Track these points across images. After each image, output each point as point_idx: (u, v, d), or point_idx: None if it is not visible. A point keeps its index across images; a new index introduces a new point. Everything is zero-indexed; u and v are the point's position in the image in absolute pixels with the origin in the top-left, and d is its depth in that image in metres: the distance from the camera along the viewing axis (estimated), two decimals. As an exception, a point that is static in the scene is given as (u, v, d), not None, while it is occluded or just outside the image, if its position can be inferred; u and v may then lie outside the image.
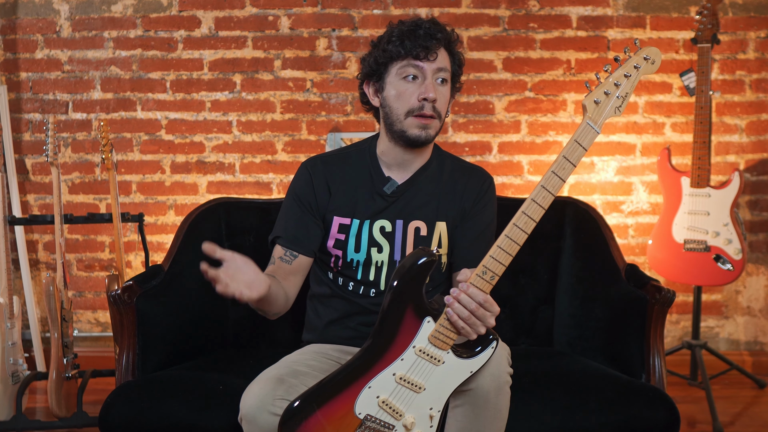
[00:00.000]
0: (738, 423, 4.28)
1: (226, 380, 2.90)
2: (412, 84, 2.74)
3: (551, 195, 2.38)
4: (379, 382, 2.39)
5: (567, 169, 2.38)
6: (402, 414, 2.40)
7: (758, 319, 5.07)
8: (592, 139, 2.39)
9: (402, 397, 2.40)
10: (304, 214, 2.88)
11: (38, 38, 4.93)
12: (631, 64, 2.39)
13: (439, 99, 2.74)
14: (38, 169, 5.02)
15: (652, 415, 2.80)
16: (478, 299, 2.35)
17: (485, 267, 2.37)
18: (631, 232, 4.99)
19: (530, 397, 2.79)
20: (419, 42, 2.71)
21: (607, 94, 2.38)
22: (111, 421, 2.80)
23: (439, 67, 2.74)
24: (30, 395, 4.60)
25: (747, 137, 4.94)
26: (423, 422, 2.42)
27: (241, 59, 4.92)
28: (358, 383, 2.40)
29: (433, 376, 2.40)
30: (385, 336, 2.40)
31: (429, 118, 2.73)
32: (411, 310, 2.39)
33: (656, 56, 2.40)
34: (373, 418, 2.40)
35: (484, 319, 2.36)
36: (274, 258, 2.89)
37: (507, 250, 2.37)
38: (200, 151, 4.98)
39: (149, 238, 4.97)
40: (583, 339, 3.42)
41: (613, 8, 4.86)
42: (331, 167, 2.93)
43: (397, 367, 2.39)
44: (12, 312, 4.12)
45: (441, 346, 2.38)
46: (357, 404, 2.39)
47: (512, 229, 2.38)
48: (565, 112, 4.91)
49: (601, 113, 2.39)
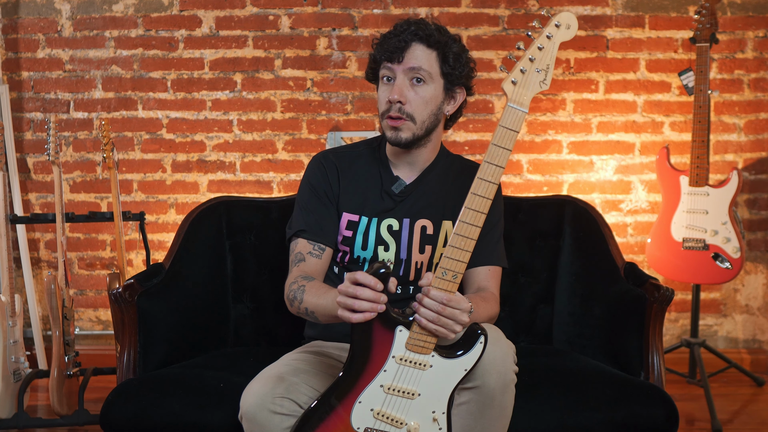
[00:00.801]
0: (736, 421, 4.29)
1: (227, 378, 2.89)
2: (386, 86, 2.75)
3: (493, 183, 2.35)
4: (369, 396, 2.39)
5: (503, 155, 2.34)
6: (403, 422, 2.40)
7: (756, 317, 5.09)
8: (520, 120, 2.33)
9: (397, 406, 2.40)
10: (323, 205, 2.88)
11: (40, 38, 4.95)
12: (544, 35, 2.30)
13: (411, 101, 2.72)
14: (40, 168, 5.03)
15: (651, 412, 2.80)
16: (440, 299, 2.33)
17: (443, 268, 2.35)
18: (630, 231, 5.00)
19: (530, 395, 2.76)
20: (389, 44, 2.72)
21: (524, 72, 2.31)
22: (112, 419, 2.80)
23: (411, 67, 2.70)
24: (31, 393, 4.60)
25: (745, 136, 4.95)
26: (429, 426, 2.41)
27: (242, 58, 4.94)
28: (346, 401, 2.40)
29: (424, 380, 2.39)
30: (361, 352, 2.39)
31: (396, 120, 2.72)
32: (378, 323, 2.36)
33: (568, 20, 2.32)
34: (373, 430, 2.41)
35: (455, 317, 2.34)
36: (301, 254, 2.85)
37: (461, 247, 2.36)
38: (201, 150, 4.99)
39: (150, 237, 4.98)
40: (583, 337, 3.42)
41: (612, 8, 4.87)
42: (342, 162, 2.94)
43: (382, 379, 2.38)
44: (14, 310, 4.11)
45: (421, 351, 2.37)
46: (353, 420, 2.40)
47: (460, 226, 2.36)
48: (564, 111, 4.92)
49: (521, 92, 2.32)
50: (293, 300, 2.72)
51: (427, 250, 2.88)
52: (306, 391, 2.51)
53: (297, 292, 2.71)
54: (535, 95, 2.34)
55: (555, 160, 4.95)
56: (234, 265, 3.59)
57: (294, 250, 2.87)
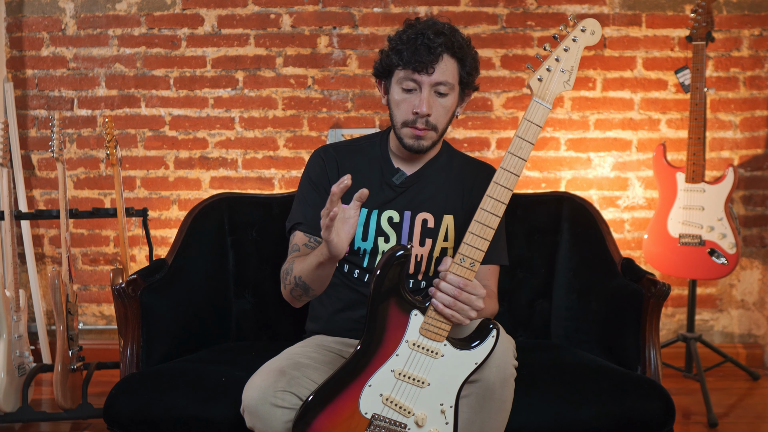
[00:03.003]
0: (732, 414, 4.29)
1: (229, 372, 2.90)
2: (409, 95, 2.73)
3: (515, 175, 2.40)
4: (379, 380, 2.40)
5: (525, 148, 2.40)
6: (411, 411, 2.41)
7: (752, 312, 5.10)
8: (544, 116, 2.41)
9: (406, 393, 2.41)
10: (320, 199, 2.85)
11: (44, 36, 4.96)
12: (570, 38, 2.42)
13: (435, 112, 2.74)
14: (44, 165, 5.05)
15: (647, 406, 2.81)
16: (457, 284, 2.36)
17: (462, 254, 2.39)
18: (627, 227, 5.01)
19: (528, 389, 2.77)
20: (417, 56, 2.68)
21: (549, 70, 2.40)
22: (115, 413, 2.82)
23: (438, 81, 2.71)
24: (36, 387, 4.61)
25: (741, 133, 4.96)
26: (436, 418, 2.42)
27: (244, 56, 4.95)
28: (357, 382, 2.41)
29: (435, 369, 2.40)
30: (375, 335, 2.41)
31: (422, 131, 2.74)
32: (394, 306, 2.40)
33: (594, 26, 2.44)
34: (381, 417, 2.41)
35: (470, 302, 2.37)
36: (297, 245, 2.86)
37: (480, 235, 2.40)
38: (203, 147, 5.01)
39: (153, 233, 4.99)
40: (580, 332, 3.43)
41: (609, 6, 4.89)
42: (342, 155, 2.95)
43: (393, 363, 2.40)
44: (18, 305, 4.12)
45: (435, 338, 2.39)
46: (361, 404, 2.40)
47: (482, 214, 2.40)
48: (562, 109, 4.93)
49: (547, 89, 2.40)
50: (286, 275, 2.74)
51: (427, 243, 2.89)
52: (307, 384, 2.52)
53: (288, 267, 2.74)
54: (559, 94, 2.41)
55: (553, 156, 4.97)
56: (236, 260, 3.60)
57: (291, 242, 2.90)
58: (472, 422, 2.51)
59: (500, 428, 2.57)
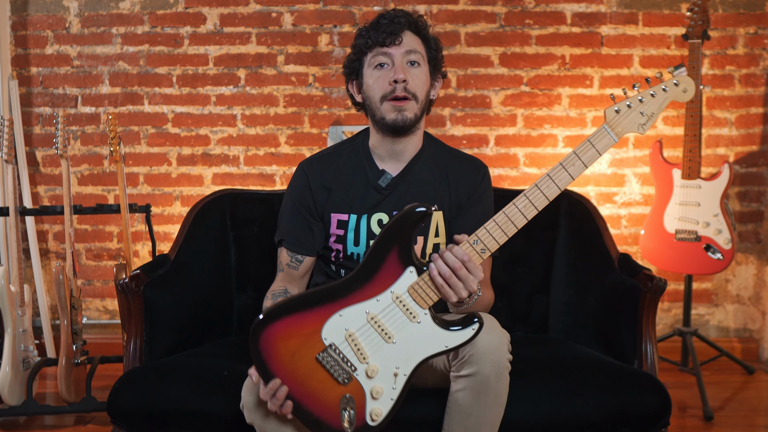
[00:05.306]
0: (728, 408, 4.31)
1: (231, 366, 2.92)
2: (383, 71, 2.78)
3: (557, 187, 2.37)
4: (351, 314, 2.38)
5: (576, 166, 2.37)
6: (366, 358, 2.38)
7: (747, 306, 5.12)
8: (607, 145, 2.38)
9: (370, 340, 2.38)
10: (303, 217, 2.92)
11: (48, 34, 4.98)
12: (661, 87, 2.38)
13: (411, 80, 2.76)
14: (48, 162, 5.07)
15: (644, 400, 2.82)
16: (462, 257, 2.35)
17: (478, 237, 2.38)
18: (624, 223, 5.03)
19: (526, 383, 2.79)
20: (382, 29, 2.75)
21: (630, 107, 2.37)
22: (118, 406, 2.84)
23: (408, 50, 2.77)
24: (40, 381, 4.62)
25: (736, 130, 4.98)
26: (386, 378, 2.39)
27: (246, 55, 4.97)
28: (330, 306, 2.39)
29: (406, 331, 2.38)
30: (366, 273, 2.39)
31: (402, 100, 2.75)
32: (395, 254, 2.37)
33: (689, 85, 2.38)
34: (338, 349, 2.38)
35: (467, 280, 2.35)
36: (282, 264, 2.94)
37: (502, 228, 2.38)
38: (205, 144, 5.03)
39: (156, 229, 5.02)
40: (578, 326, 3.44)
41: (607, 5, 4.90)
42: (326, 166, 2.96)
43: (371, 306, 2.38)
44: (23, 300, 4.14)
45: (419, 301, 2.37)
46: (325, 328, 2.38)
47: (511, 208, 2.38)
48: (560, 106, 4.96)
49: (620, 123, 2.38)
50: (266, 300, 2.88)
51: (419, 241, 2.88)
52: None
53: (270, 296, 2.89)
54: (628, 134, 2.37)
55: (551, 153, 4.99)
56: (237, 255, 3.62)
57: (278, 257, 2.99)
58: (468, 415, 2.52)
59: (496, 422, 2.57)
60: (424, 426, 2.68)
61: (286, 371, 2.38)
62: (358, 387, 2.40)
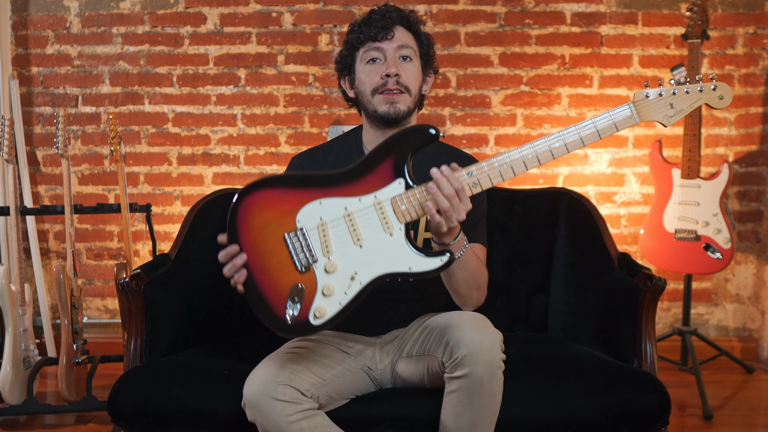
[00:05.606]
0: (727, 407, 4.31)
1: (231, 365, 2.92)
2: (375, 66, 2.79)
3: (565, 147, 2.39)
4: (330, 205, 2.39)
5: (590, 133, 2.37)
6: (330, 253, 2.38)
7: (746, 306, 5.12)
8: (626, 123, 2.37)
9: (339, 235, 2.39)
10: None
11: (49, 34, 4.99)
12: (697, 86, 2.35)
13: (404, 74, 2.77)
14: (49, 161, 5.07)
15: (643, 399, 2.80)
16: (457, 185, 2.36)
17: (472, 171, 2.39)
18: (624, 222, 5.04)
19: (526, 382, 2.80)
20: (374, 24, 2.77)
21: (661, 96, 2.36)
22: (119, 405, 2.83)
23: (400, 45, 2.78)
24: (41, 380, 4.63)
25: (736, 130, 4.98)
26: (342, 279, 2.39)
27: (246, 54, 4.98)
28: (313, 191, 2.41)
29: (376, 238, 2.38)
30: (359, 171, 2.41)
31: (395, 93, 2.75)
32: (390, 162, 2.39)
33: (726, 93, 2.35)
34: (306, 234, 2.39)
35: (458, 209, 2.36)
36: None
37: (500, 170, 2.38)
38: (206, 144, 5.03)
39: (156, 228, 5.01)
40: (577, 325, 3.44)
41: (606, 5, 4.91)
42: (317, 159, 2.96)
43: (351, 203, 2.39)
44: (24, 299, 4.13)
45: (398, 214, 2.38)
46: (302, 210, 2.39)
47: (515, 154, 2.39)
48: (560, 106, 4.96)
49: (646, 107, 2.36)
50: None
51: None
52: (308, 378, 2.54)
53: None
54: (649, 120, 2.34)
55: (551, 153, 4.98)
56: (238, 254, 3.62)
57: None
58: (462, 416, 2.52)
59: (491, 421, 2.57)
60: (420, 426, 2.68)
61: (252, 240, 2.41)
62: (312, 279, 2.40)
